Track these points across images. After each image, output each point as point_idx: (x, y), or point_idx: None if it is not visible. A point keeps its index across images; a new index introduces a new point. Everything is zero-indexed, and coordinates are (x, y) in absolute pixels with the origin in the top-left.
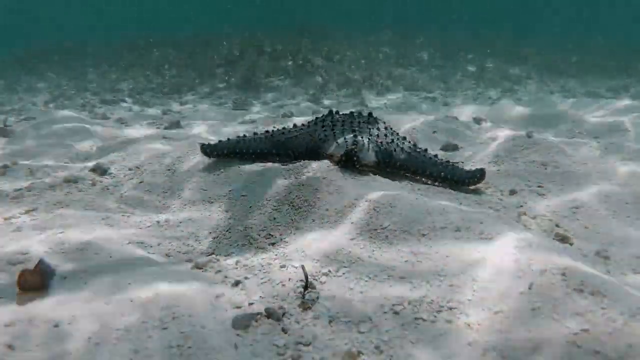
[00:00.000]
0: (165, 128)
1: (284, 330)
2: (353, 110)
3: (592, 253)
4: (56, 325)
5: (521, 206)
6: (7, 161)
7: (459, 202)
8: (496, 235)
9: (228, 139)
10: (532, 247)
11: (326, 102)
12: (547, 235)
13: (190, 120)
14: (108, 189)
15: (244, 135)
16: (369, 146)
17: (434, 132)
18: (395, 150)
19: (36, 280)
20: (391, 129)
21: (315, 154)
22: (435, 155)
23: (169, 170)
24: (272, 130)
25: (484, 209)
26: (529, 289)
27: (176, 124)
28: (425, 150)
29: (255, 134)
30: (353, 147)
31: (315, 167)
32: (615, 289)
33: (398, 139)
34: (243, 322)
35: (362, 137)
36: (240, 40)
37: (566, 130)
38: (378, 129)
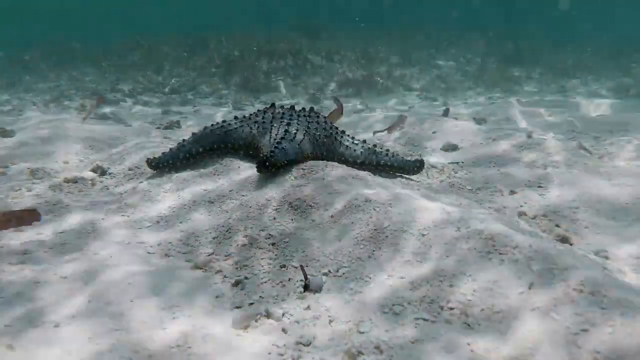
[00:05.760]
0: (165, 128)
1: (284, 330)
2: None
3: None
4: (56, 326)
5: (521, 206)
6: (7, 161)
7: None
8: None
9: (170, 149)
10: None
11: (326, 102)
12: (547, 236)
13: (190, 120)
14: (108, 188)
15: (183, 140)
16: (304, 138)
17: (434, 132)
18: (333, 142)
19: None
20: (330, 122)
21: (253, 147)
22: (374, 145)
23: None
24: (212, 125)
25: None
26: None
27: (176, 124)
28: (364, 141)
29: (193, 134)
30: (270, 154)
31: (316, 167)
32: (615, 288)
33: (337, 132)
34: (243, 322)
35: (296, 130)
36: (240, 40)
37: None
38: (317, 122)
